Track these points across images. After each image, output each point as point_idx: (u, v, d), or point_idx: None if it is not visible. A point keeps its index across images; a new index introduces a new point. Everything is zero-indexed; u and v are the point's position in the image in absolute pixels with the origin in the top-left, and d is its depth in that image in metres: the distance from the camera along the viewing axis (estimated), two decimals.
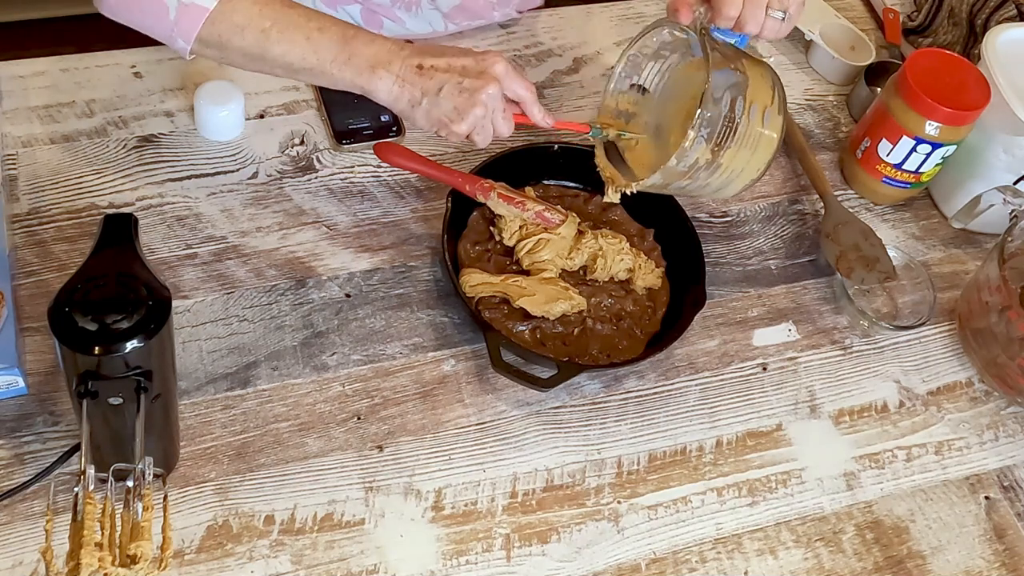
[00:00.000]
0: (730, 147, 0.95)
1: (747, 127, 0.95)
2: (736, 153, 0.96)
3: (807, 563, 0.93)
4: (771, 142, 0.98)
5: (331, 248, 1.03)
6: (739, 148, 0.96)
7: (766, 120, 0.97)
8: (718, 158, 0.95)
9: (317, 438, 0.92)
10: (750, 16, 0.94)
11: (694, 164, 0.94)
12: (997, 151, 1.12)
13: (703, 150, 0.94)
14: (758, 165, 0.99)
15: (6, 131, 1.05)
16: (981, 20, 1.29)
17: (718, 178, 0.98)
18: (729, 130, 0.94)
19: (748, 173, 0.99)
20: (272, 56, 0.91)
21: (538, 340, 0.99)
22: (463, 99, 0.90)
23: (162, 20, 0.90)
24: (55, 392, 0.90)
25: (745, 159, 0.97)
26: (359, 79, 0.90)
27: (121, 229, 0.73)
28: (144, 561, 0.66)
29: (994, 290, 1.03)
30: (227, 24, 0.90)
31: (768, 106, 0.97)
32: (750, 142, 0.96)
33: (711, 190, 1.01)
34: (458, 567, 0.87)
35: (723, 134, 0.94)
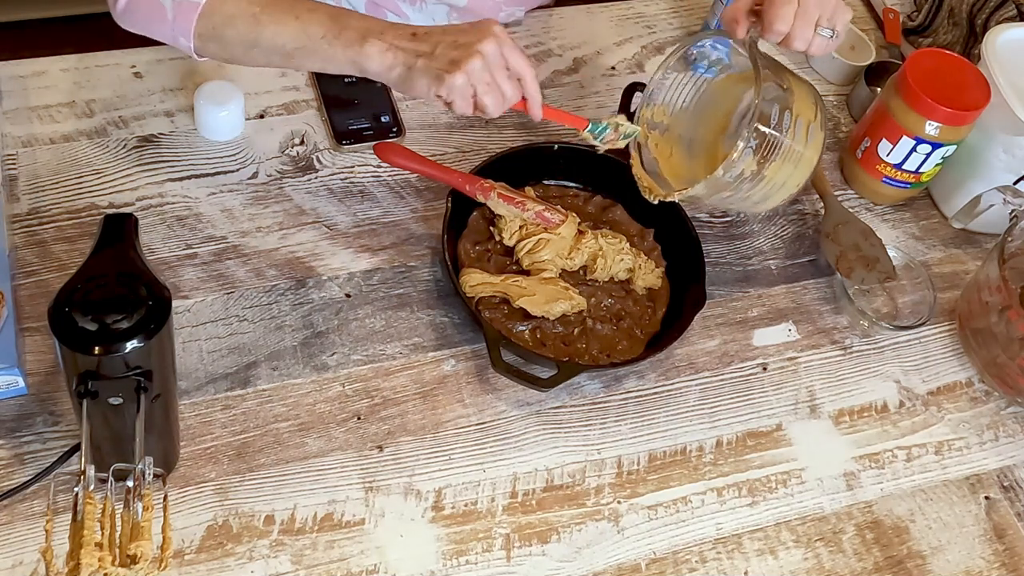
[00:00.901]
0: (775, 160, 0.95)
1: (792, 141, 0.96)
2: (780, 166, 0.96)
3: (807, 563, 0.93)
4: (812, 157, 0.99)
5: (331, 248, 1.03)
6: (783, 161, 0.96)
7: (810, 135, 0.98)
8: (763, 170, 0.95)
9: (317, 438, 0.92)
10: (799, 33, 0.94)
11: (739, 175, 0.95)
12: (997, 151, 1.12)
13: (750, 162, 0.94)
14: (798, 180, 0.99)
15: (6, 131, 1.05)
16: (981, 20, 1.29)
17: (759, 191, 0.98)
18: (776, 143, 0.95)
19: (788, 188, 1.00)
20: (265, 40, 0.91)
21: (538, 340, 0.99)
22: (460, 52, 0.87)
23: (163, 22, 0.92)
24: (55, 392, 0.90)
25: (788, 173, 0.98)
26: (350, 51, 0.89)
27: (121, 229, 0.73)
28: (144, 561, 0.66)
29: (994, 290, 1.03)
30: (219, 16, 0.91)
31: (812, 121, 0.97)
32: (794, 156, 0.97)
33: (750, 203, 1.01)
34: (458, 567, 0.87)
35: (770, 146, 0.94)
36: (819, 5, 0.94)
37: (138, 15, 0.93)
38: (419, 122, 1.14)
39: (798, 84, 0.98)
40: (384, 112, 1.13)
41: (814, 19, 0.94)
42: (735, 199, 0.99)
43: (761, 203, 1.01)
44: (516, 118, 1.17)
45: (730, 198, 0.99)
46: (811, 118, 0.97)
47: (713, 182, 0.94)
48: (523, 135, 1.16)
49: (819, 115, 0.99)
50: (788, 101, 0.95)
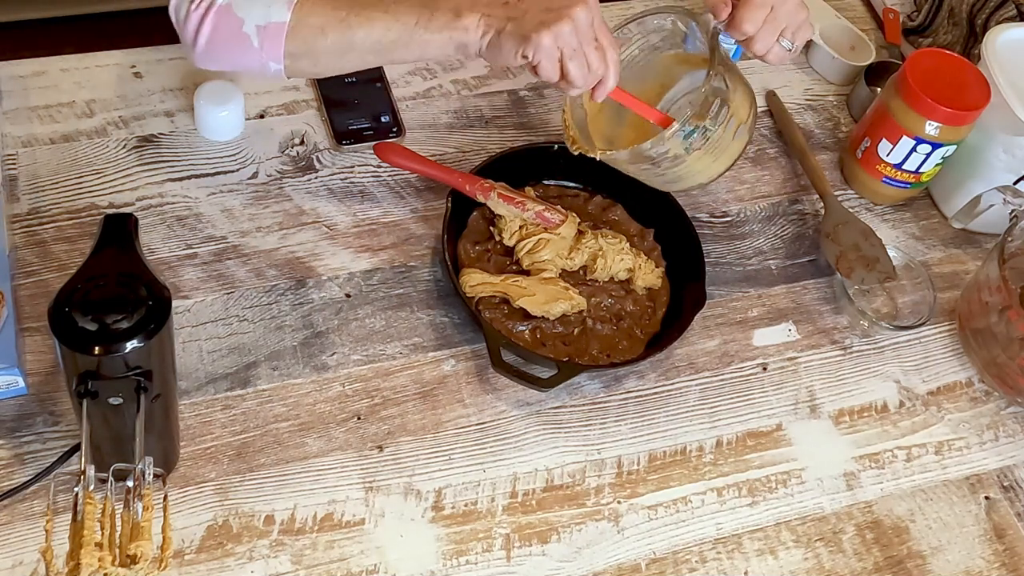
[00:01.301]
0: (699, 150, 0.96)
1: (720, 136, 0.97)
2: (702, 156, 0.97)
3: (807, 563, 0.93)
4: (732, 156, 1.01)
5: (331, 248, 1.03)
6: (707, 153, 0.97)
7: (736, 135, 0.99)
8: (687, 156, 0.96)
9: (317, 438, 0.92)
10: (763, 38, 0.96)
11: (664, 153, 0.95)
12: (997, 151, 1.12)
13: (678, 144, 0.94)
14: (711, 174, 1.01)
15: (6, 131, 1.05)
16: (981, 20, 1.29)
17: (674, 172, 0.99)
18: (708, 134, 0.96)
19: (699, 178, 1.01)
20: (358, 42, 0.90)
21: (538, 340, 0.99)
22: (551, 15, 0.86)
23: (249, 52, 0.92)
24: (55, 392, 0.90)
25: (706, 164, 0.99)
26: (446, 30, 0.89)
27: (121, 229, 0.73)
28: (144, 561, 0.66)
29: (994, 290, 1.03)
30: (307, 30, 0.90)
31: (743, 122, 0.99)
32: (717, 151, 0.98)
33: (661, 181, 1.02)
34: (458, 567, 0.87)
35: (702, 136, 0.95)
36: (788, 17, 0.96)
37: (220, 51, 0.93)
38: (419, 122, 1.14)
39: (740, 84, 0.99)
40: (384, 112, 1.13)
41: (779, 29, 0.96)
42: (649, 173, 1.00)
43: (671, 184, 1.03)
44: (516, 118, 1.17)
45: (646, 171, 1.00)
46: (743, 119, 0.99)
47: (637, 152, 0.95)
48: (523, 135, 1.16)
49: (751, 118, 1.00)
50: (728, 98, 0.96)
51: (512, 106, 1.18)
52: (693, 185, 1.03)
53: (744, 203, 1.17)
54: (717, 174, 1.02)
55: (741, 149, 1.01)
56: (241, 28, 0.91)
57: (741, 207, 1.16)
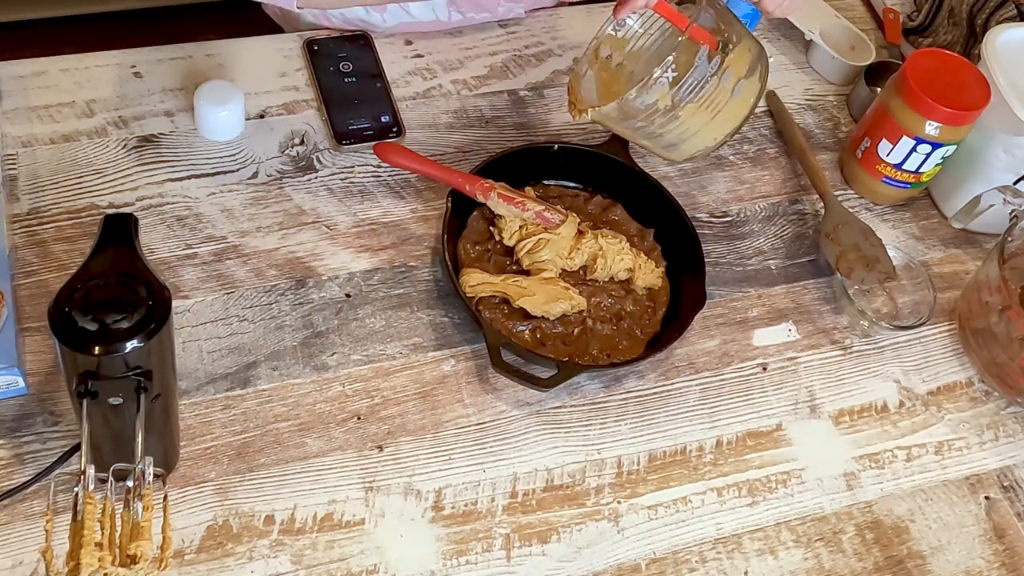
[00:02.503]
0: (691, 102, 0.94)
1: (715, 88, 0.95)
2: (696, 111, 0.95)
3: (807, 563, 0.93)
4: (735, 114, 0.98)
5: (331, 248, 1.03)
6: (700, 106, 0.95)
7: (736, 90, 0.96)
8: (678, 109, 0.95)
9: (317, 438, 0.92)
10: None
11: (652, 105, 0.94)
12: (997, 151, 1.12)
13: (664, 93, 0.93)
14: (715, 134, 0.98)
15: (6, 131, 1.05)
16: (981, 20, 1.29)
17: (672, 131, 0.97)
18: (695, 84, 0.93)
19: (702, 138, 0.99)
20: None
21: (538, 340, 0.99)
22: None
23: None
24: (55, 392, 0.90)
25: (702, 121, 0.97)
26: None
27: (121, 229, 0.73)
28: (144, 561, 0.66)
29: (994, 290, 1.03)
30: None
31: (742, 77, 0.96)
32: (713, 105, 0.96)
33: (663, 143, 1.00)
34: (458, 567, 0.87)
35: (689, 85, 0.93)
36: None
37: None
38: (419, 122, 1.14)
39: (744, 39, 0.97)
40: (384, 112, 1.13)
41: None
42: (647, 132, 0.98)
43: (675, 146, 1.01)
44: (516, 118, 1.17)
45: (643, 130, 0.98)
46: (742, 74, 0.96)
47: (625, 104, 0.93)
48: (523, 135, 1.16)
49: (756, 76, 0.97)
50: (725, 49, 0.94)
51: (512, 106, 1.18)
52: (699, 148, 1.00)
53: (744, 203, 1.17)
54: (724, 133, 0.98)
55: (748, 107, 0.98)
56: None
57: (741, 207, 1.16)
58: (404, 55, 1.20)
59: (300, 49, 1.17)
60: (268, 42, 1.18)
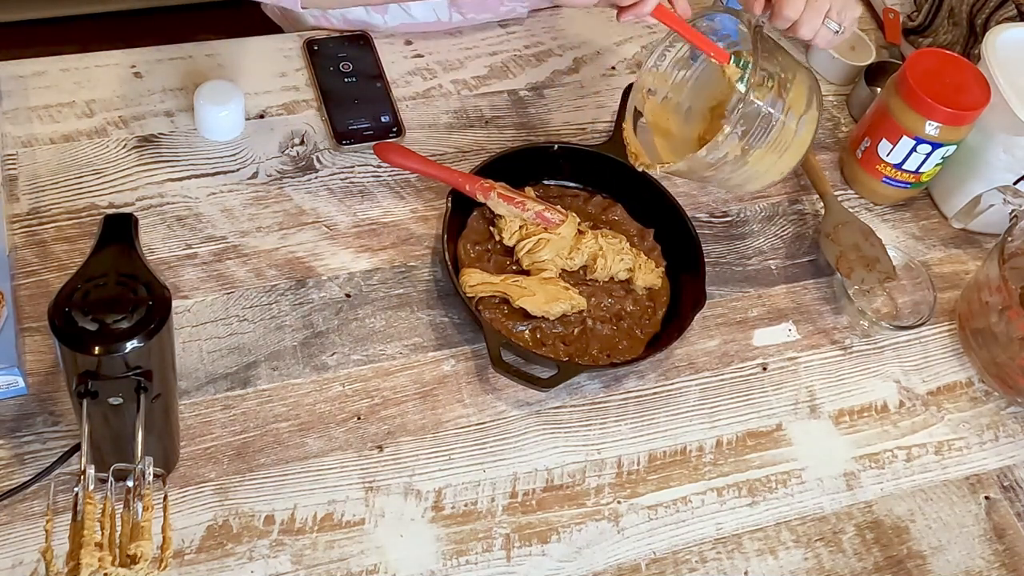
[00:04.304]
0: (760, 148, 0.95)
1: (780, 130, 0.95)
2: (764, 155, 0.96)
3: (807, 563, 0.93)
4: (800, 148, 0.98)
5: (331, 248, 1.03)
6: (768, 151, 0.96)
7: (800, 126, 0.97)
8: (747, 156, 0.95)
9: (317, 438, 0.92)
10: (807, 20, 0.96)
11: (722, 158, 0.94)
12: (997, 151, 1.12)
13: (735, 146, 0.94)
14: (782, 169, 0.99)
15: (6, 131, 1.05)
16: (981, 20, 1.29)
17: (741, 174, 0.98)
18: (764, 131, 0.94)
19: (771, 175, 1.00)
20: None
21: (538, 340, 0.99)
22: None
23: None
24: (55, 392, 0.90)
25: (772, 161, 0.98)
26: None
27: (121, 229, 0.73)
28: (144, 561, 0.66)
29: (994, 290, 1.03)
30: None
31: (803, 113, 0.97)
32: (780, 146, 0.97)
33: (730, 184, 1.01)
34: (458, 567, 0.87)
35: (757, 134, 0.94)
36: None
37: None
38: (419, 122, 1.14)
39: (797, 73, 0.97)
40: (384, 112, 1.13)
41: (824, 10, 0.95)
42: (716, 179, 0.99)
43: (741, 186, 1.03)
44: (516, 118, 1.17)
45: (711, 177, 0.99)
46: (802, 110, 0.97)
47: (696, 161, 0.94)
48: (523, 135, 1.16)
49: (813, 106, 0.98)
50: (782, 91, 0.95)
51: (512, 106, 1.18)
52: (767, 183, 1.01)
53: (744, 203, 1.17)
54: (790, 167, 0.99)
55: (810, 136, 0.98)
56: None
57: (741, 207, 1.16)
58: (404, 55, 1.20)
59: (300, 49, 1.17)
60: (268, 42, 1.18)
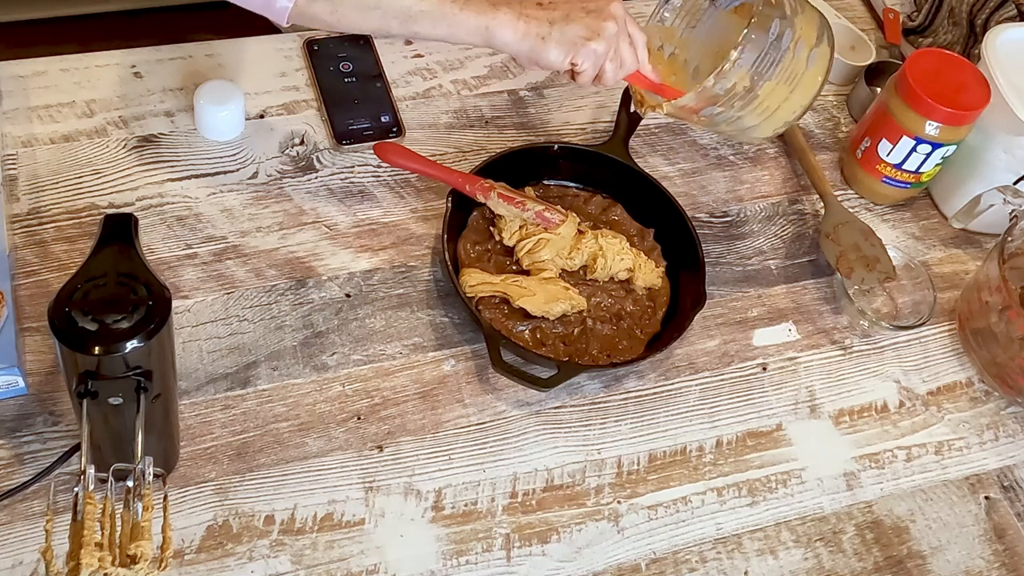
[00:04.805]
0: (770, 79, 0.93)
1: (791, 62, 0.93)
2: (775, 87, 0.94)
3: (807, 563, 0.93)
4: (812, 83, 0.96)
5: (331, 248, 1.03)
6: (779, 82, 0.94)
7: (811, 60, 0.95)
8: (756, 88, 0.93)
9: (317, 438, 0.92)
10: None
11: (731, 89, 0.92)
12: (997, 151, 1.12)
13: (742, 74, 0.92)
14: (794, 107, 0.97)
15: (6, 131, 1.05)
16: (981, 20, 1.29)
17: (752, 112, 0.96)
18: (773, 60, 0.92)
19: (783, 113, 0.97)
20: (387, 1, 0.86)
21: (538, 340, 0.99)
22: (592, 18, 0.87)
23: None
24: (55, 392, 0.90)
25: (783, 96, 0.95)
26: (482, 18, 0.88)
27: (121, 229, 0.73)
28: (144, 561, 0.66)
29: (994, 290, 1.03)
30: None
31: (814, 46, 0.95)
32: (791, 78, 0.94)
33: (743, 126, 0.99)
34: (458, 567, 0.87)
35: (765, 62, 0.92)
36: None
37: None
38: (419, 122, 1.14)
39: (805, 7, 0.96)
40: (384, 112, 1.13)
41: None
42: (727, 118, 0.97)
43: (756, 127, 1.00)
44: (516, 118, 1.17)
45: (722, 115, 0.96)
46: (812, 43, 0.95)
47: (704, 93, 0.92)
48: (523, 135, 1.16)
49: (824, 42, 0.96)
50: (791, 21, 0.93)
51: (512, 106, 1.18)
52: (780, 124, 0.99)
53: (744, 203, 1.17)
54: (802, 105, 0.97)
55: (823, 74, 0.96)
56: None
57: (741, 207, 1.16)
58: (404, 55, 1.20)
59: (300, 49, 1.17)
60: (268, 42, 1.18)
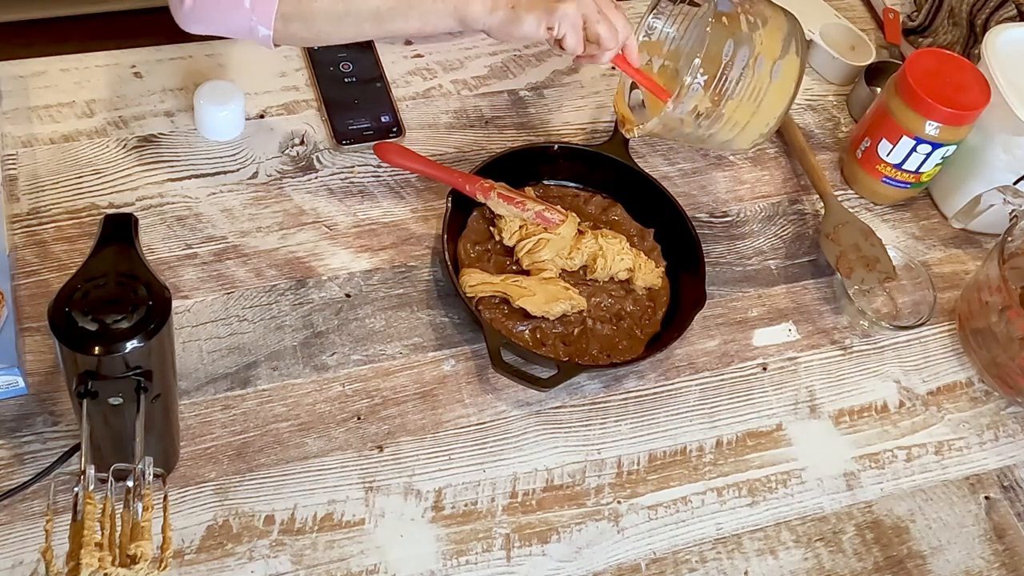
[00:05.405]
0: (732, 98, 0.93)
1: (752, 79, 0.93)
2: (739, 105, 0.94)
3: (807, 563, 0.93)
4: (781, 95, 0.96)
5: (331, 248, 1.03)
6: (742, 100, 0.94)
7: (775, 73, 0.94)
8: (720, 108, 0.93)
9: (317, 438, 0.92)
10: None
11: (693, 111, 0.92)
12: (997, 151, 1.12)
13: (700, 98, 0.92)
14: (766, 119, 0.97)
15: (6, 131, 1.05)
16: (981, 20, 1.29)
17: (723, 129, 0.96)
18: (732, 79, 0.92)
19: (755, 127, 0.97)
20: (355, 6, 0.87)
21: (538, 340, 0.99)
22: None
23: (239, 12, 0.88)
24: (55, 392, 0.90)
25: (749, 111, 0.95)
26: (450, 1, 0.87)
27: (121, 229, 0.73)
28: (144, 561, 0.66)
29: (994, 290, 1.03)
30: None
31: (778, 58, 0.94)
32: (755, 95, 0.94)
33: (718, 141, 0.99)
34: (458, 567, 0.87)
35: (723, 84, 0.92)
36: None
37: (209, 10, 0.89)
38: (419, 122, 1.14)
39: (772, 18, 0.95)
40: (384, 112, 1.13)
41: None
42: (697, 136, 0.97)
43: (731, 142, 1.00)
44: (516, 118, 1.17)
45: (692, 135, 0.97)
46: (776, 55, 0.95)
47: (667, 117, 0.93)
48: (523, 135, 1.16)
49: (791, 51, 0.95)
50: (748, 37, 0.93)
51: (512, 106, 1.18)
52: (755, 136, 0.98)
53: (744, 203, 1.17)
54: (774, 117, 0.97)
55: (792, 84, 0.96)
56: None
57: (741, 207, 1.16)
58: (404, 55, 1.20)
59: (300, 49, 1.17)
60: None
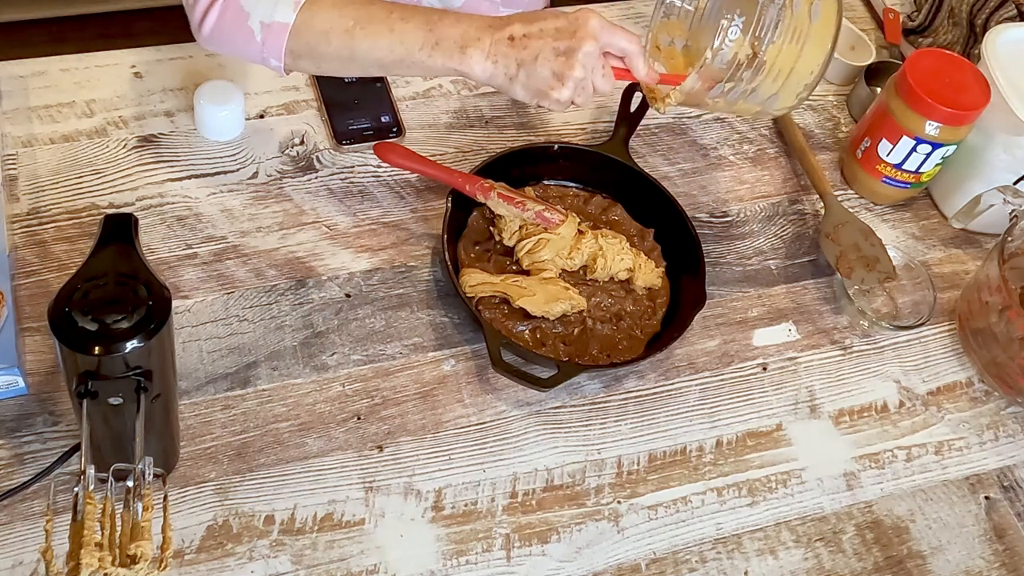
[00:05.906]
0: (773, 41, 0.89)
1: (791, 19, 0.89)
2: (782, 49, 0.90)
3: (807, 563, 0.93)
4: (824, 35, 0.91)
5: (331, 248, 1.03)
6: (784, 43, 0.89)
7: (813, 13, 0.90)
8: (760, 54, 0.89)
9: (317, 438, 0.92)
10: None
11: (733, 61, 0.88)
12: (997, 151, 1.12)
13: (741, 42, 0.88)
14: (810, 66, 0.92)
15: (6, 131, 1.05)
16: (981, 20, 1.29)
17: (766, 80, 0.91)
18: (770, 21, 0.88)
19: (800, 75, 0.93)
20: (361, 55, 0.91)
21: (538, 340, 0.99)
22: (560, 63, 0.88)
23: (251, 44, 0.93)
24: (55, 392, 0.90)
25: (794, 55, 0.91)
26: (451, 62, 0.90)
27: (121, 229, 0.73)
28: (144, 561, 0.66)
29: (994, 290, 1.03)
30: (311, 33, 0.91)
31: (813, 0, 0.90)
32: (796, 36, 0.90)
33: (762, 98, 0.94)
34: (458, 567, 0.87)
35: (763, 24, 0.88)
36: None
37: (224, 39, 0.94)
38: (419, 122, 1.14)
39: None
40: (384, 112, 1.13)
41: None
42: (741, 92, 0.92)
43: (776, 98, 0.94)
44: (516, 118, 1.17)
45: (734, 90, 0.92)
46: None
47: (706, 71, 0.89)
48: (523, 135, 1.16)
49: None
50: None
51: (512, 106, 1.18)
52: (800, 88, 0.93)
53: (744, 203, 1.17)
54: (819, 63, 0.91)
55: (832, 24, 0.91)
56: (246, 22, 0.92)
57: (741, 207, 1.16)
58: None
59: None
60: None
